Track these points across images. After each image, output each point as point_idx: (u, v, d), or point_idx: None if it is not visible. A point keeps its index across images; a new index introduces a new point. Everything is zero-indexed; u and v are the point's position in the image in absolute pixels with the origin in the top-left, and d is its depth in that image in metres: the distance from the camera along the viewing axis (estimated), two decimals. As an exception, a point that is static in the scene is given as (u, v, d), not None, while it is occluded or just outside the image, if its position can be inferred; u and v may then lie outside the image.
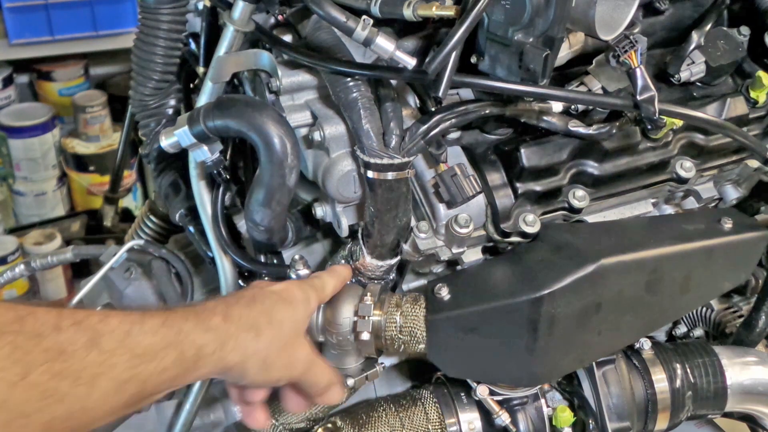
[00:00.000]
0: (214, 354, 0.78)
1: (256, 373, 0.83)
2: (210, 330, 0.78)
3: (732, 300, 1.29)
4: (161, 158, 1.23)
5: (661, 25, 1.13)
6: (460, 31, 0.86)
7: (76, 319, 0.70)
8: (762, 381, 1.14)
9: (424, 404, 1.09)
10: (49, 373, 0.65)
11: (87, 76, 3.16)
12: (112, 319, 0.72)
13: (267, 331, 0.83)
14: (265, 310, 0.85)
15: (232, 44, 1.03)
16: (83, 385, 0.68)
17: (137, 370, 0.71)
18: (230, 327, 0.80)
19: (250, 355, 0.81)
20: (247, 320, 0.82)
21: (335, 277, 0.99)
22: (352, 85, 0.95)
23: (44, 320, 0.68)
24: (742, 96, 1.12)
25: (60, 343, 0.67)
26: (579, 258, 0.97)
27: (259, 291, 0.89)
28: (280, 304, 0.88)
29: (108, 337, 0.70)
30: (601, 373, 1.11)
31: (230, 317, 0.81)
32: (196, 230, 1.20)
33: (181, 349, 0.75)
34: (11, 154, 2.94)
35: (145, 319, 0.74)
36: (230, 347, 0.79)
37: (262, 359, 0.83)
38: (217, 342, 0.78)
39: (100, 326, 0.71)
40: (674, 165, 1.08)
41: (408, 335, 0.98)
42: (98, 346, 0.69)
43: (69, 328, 0.68)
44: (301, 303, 0.90)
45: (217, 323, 0.80)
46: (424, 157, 1.00)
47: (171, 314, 0.77)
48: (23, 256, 2.52)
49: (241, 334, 0.81)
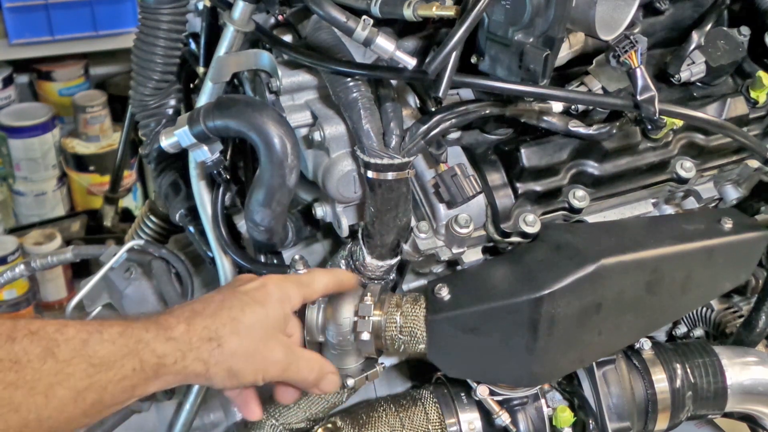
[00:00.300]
0: (176, 364, 0.77)
1: (222, 380, 0.82)
2: (171, 340, 0.78)
3: (732, 300, 1.29)
4: (161, 158, 1.23)
5: (661, 25, 1.13)
6: (460, 31, 0.86)
7: (31, 329, 0.70)
8: (762, 381, 1.14)
9: (424, 404, 1.09)
10: (3, 383, 0.66)
11: (87, 76, 3.16)
12: (69, 329, 0.72)
13: (231, 340, 0.82)
14: (231, 317, 0.83)
15: (232, 44, 1.03)
16: (39, 394, 0.68)
17: (94, 378, 0.71)
18: (192, 337, 0.79)
19: (212, 364, 0.80)
20: (209, 330, 0.81)
21: (331, 276, 0.97)
22: (352, 85, 0.95)
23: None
24: (742, 96, 1.12)
25: (14, 353, 0.67)
26: (579, 258, 0.97)
27: (230, 293, 0.87)
28: (249, 307, 0.85)
29: (64, 347, 0.70)
30: (601, 373, 1.11)
31: (193, 326, 0.80)
32: (196, 230, 1.20)
33: (140, 358, 0.75)
34: (11, 154, 2.94)
35: (103, 329, 0.74)
36: (192, 357, 0.79)
37: (227, 368, 0.82)
38: (178, 352, 0.78)
39: (56, 335, 0.71)
40: (674, 165, 1.08)
41: (408, 335, 0.98)
42: (54, 355, 0.69)
43: (23, 338, 0.69)
44: (276, 302, 0.88)
45: (179, 334, 0.79)
46: (424, 157, 1.00)
47: (131, 324, 0.77)
48: (23, 256, 2.52)
49: (203, 345, 0.80)
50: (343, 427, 1.07)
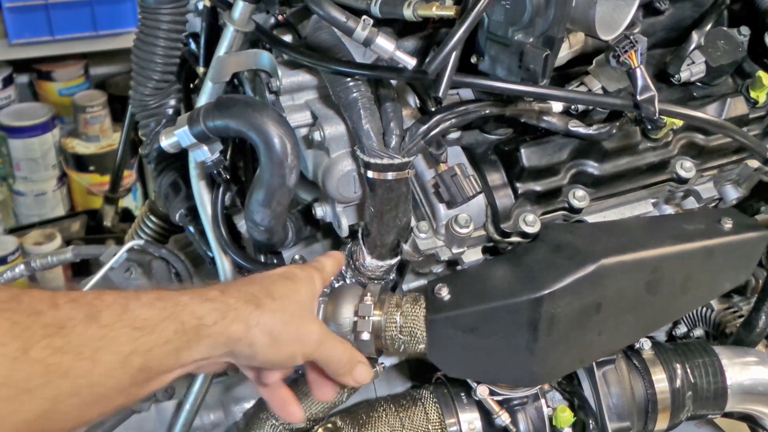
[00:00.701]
0: (216, 324, 0.76)
1: (264, 346, 0.80)
2: (208, 301, 0.77)
3: (732, 300, 1.29)
4: (161, 158, 1.23)
5: (661, 25, 1.13)
6: (460, 31, 0.86)
7: (72, 297, 0.70)
8: (762, 381, 1.14)
9: (424, 404, 1.09)
10: (50, 348, 0.65)
11: (87, 76, 3.16)
12: (107, 296, 0.72)
13: (268, 303, 0.81)
14: (264, 287, 0.83)
15: (232, 44, 1.03)
16: (86, 359, 0.67)
17: (138, 342, 0.71)
18: (229, 299, 0.79)
19: (253, 325, 0.79)
20: (245, 294, 0.81)
21: (331, 259, 0.97)
22: (352, 85, 0.95)
23: (40, 298, 0.68)
24: (742, 96, 1.12)
25: (58, 318, 0.67)
26: (579, 258, 0.97)
27: (258, 274, 0.88)
28: (280, 281, 0.86)
29: (105, 312, 0.70)
30: (601, 373, 1.11)
31: (228, 292, 0.80)
32: (196, 230, 1.20)
33: (180, 320, 0.74)
34: (11, 154, 2.94)
35: (139, 295, 0.74)
36: (231, 317, 0.77)
37: (268, 331, 0.80)
38: (218, 312, 0.77)
39: (97, 302, 0.70)
40: (674, 165, 1.08)
41: (408, 335, 0.98)
42: (97, 320, 0.69)
43: (65, 304, 0.69)
44: (304, 281, 0.88)
45: (215, 295, 0.78)
46: (424, 157, 1.00)
47: (166, 290, 0.77)
48: (23, 256, 2.52)
49: (242, 306, 0.79)
50: (343, 427, 1.07)
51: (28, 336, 0.65)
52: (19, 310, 0.66)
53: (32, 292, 0.68)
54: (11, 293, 0.67)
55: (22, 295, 0.67)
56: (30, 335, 0.65)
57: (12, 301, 0.66)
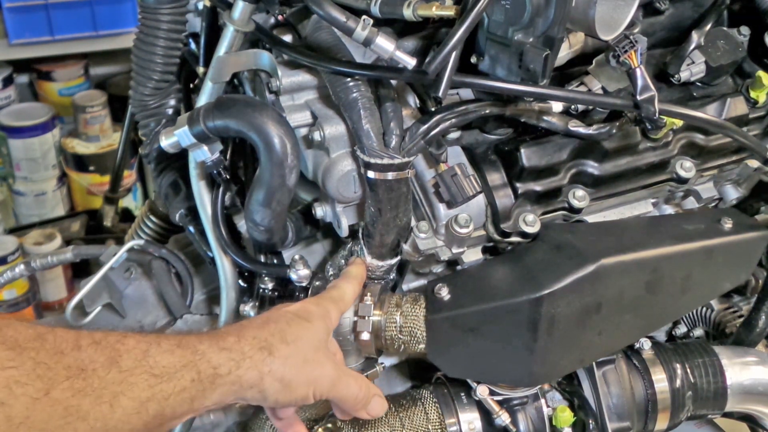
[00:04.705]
0: (231, 374, 0.77)
1: (276, 392, 0.81)
2: (224, 349, 0.78)
3: (732, 300, 1.29)
4: (161, 158, 1.23)
5: (661, 25, 1.13)
6: (460, 31, 0.86)
7: (95, 339, 0.70)
8: (762, 381, 1.14)
9: (424, 404, 1.09)
10: (71, 390, 0.65)
11: (87, 76, 3.16)
12: (129, 339, 0.72)
13: (281, 349, 0.82)
14: (279, 329, 0.84)
15: (232, 44, 1.04)
16: (105, 403, 0.67)
17: (156, 389, 0.71)
18: (244, 347, 0.79)
19: (266, 373, 0.80)
20: (260, 340, 0.81)
21: (351, 281, 0.98)
22: (352, 85, 0.95)
23: (64, 338, 0.68)
24: (742, 96, 1.12)
25: (81, 360, 0.67)
26: (579, 258, 0.97)
27: (274, 312, 0.88)
28: (295, 321, 0.86)
29: (126, 357, 0.70)
30: (601, 373, 1.11)
31: (244, 337, 0.81)
32: (196, 230, 1.20)
33: (197, 369, 0.75)
34: (11, 154, 2.94)
35: (161, 340, 0.74)
36: (246, 366, 0.78)
37: (279, 378, 0.81)
38: (233, 361, 0.78)
39: (119, 346, 0.71)
40: (674, 165, 1.08)
41: (408, 335, 0.98)
42: (118, 364, 0.69)
43: (89, 347, 0.69)
44: (319, 319, 0.88)
45: (231, 344, 0.79)
46: (424, 157, 1.01)
47: (186, 336, 0.77)
48: (23, 256, 2.51)
49: (256, 353, 0.80)
50: (343, 427, 1.07)
51: (50, 376, 0.65)
52: (43, 350, 0.66)
53: (57, 332, 0.68)
54: (37, 332, 0.67)
55: (46, 335, 0.67)
56: (53, 376, 0.65)
57: (36, 340, 0.66)
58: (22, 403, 0.63)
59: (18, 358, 0.64)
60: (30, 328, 0.67)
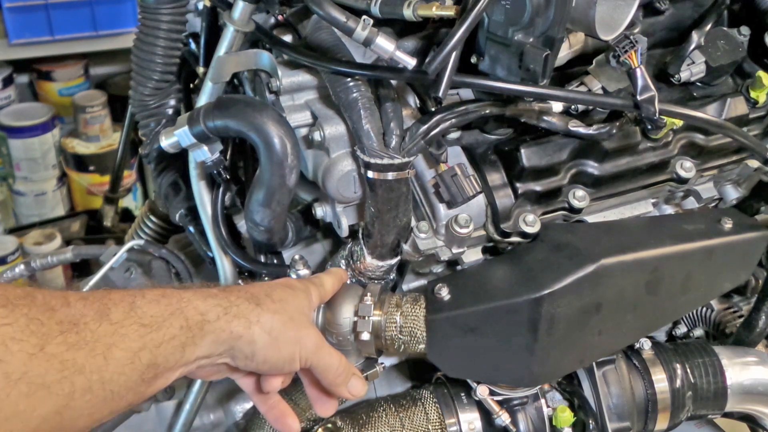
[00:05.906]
0: (219, 320, 0.78)
1: (264, 345, 0.82)
2: (211, 297, 0.79)
3: (732, 300, 1.29)
4: (161, 158, 1.23)
5: (661, 25, 1.13)
6: (460, 31, 0.86)
7: (82, 295, 0.71)
8: (762, 381, 1.14)
9: (424, 404, 1.09)
10: (66, 344, 0.66)
11: (87, 76, 3.16)
12: (114, 294, 0.74)
13: (268, 303, 0.83)
14: (264, 289, 0.86)
15: (232, 44, 1.04)
16: (99, 355, 0.68)
17: (147, 339, 0.72)
18: (230, 296, 0.81)
19: (254, 322, 0.81)
20: (246, 293, 0.83)
21: (332, 276, 0.99)
22: (352, 85, 0.95)
23: (53, 295, 0.69)
24: (742, 96, 1.12)
25: (72, 315, 0.68)
26: (579, 258, 0.97)
27: (257, 283, 0.90)
28: (280, 287, 0.88)
29: (115, 309, 0.72)
30: (601, 373, 1.11)
31: (229, 290, 0.82)
32: (196, 230, 1.20)
33: (185, 315, 0.76)
34: (11, 154, 2.94)
35: (145, 293, 0.76)
36: (233, 313, 0.80)
37: (268, 329, 0.82)
38: (220, 308, 0.79)
39: (106, 300, 0.72)
40: (674, 165, 1.08)
41: (408, 335, 0.98)
42: (108, 317, 0.71)
43: (77, 302, 0.70)
44: (302, 291, 0.90)
45: (217, 293, 0.81)
46: (424, 157, 1.00)
47: (169, 288, 0.79)
48: (23, 256, 2.51)
49: (243, 303, 0.81)
50: (343, 427, 1.07)
51: (44, 332, 0.66)
52: (34, 306, 0.67)
53: (44, 291, 0.69)
54: (25, 291, 0.68)
55: (35, 293, 0.68)
56: (46, 331, 0.66)
57: (27, 298, 0.67)
58: (19, 359, 0.63)
59: (11, 315, 0.65)
60: (17, 288, 0.68)
